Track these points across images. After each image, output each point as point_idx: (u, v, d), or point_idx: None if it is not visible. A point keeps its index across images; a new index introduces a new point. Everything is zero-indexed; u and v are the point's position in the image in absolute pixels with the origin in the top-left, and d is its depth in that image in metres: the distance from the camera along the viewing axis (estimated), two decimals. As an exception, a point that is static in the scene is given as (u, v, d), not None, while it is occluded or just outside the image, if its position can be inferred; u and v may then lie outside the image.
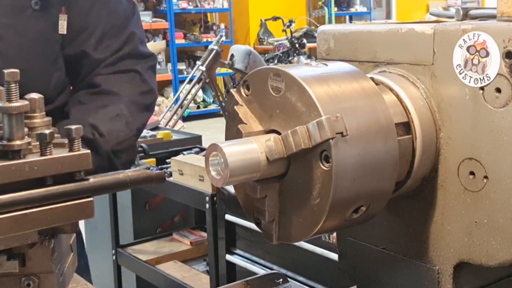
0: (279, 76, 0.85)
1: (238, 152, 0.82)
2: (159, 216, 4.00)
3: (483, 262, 0.89)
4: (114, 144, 1.54)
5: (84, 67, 1.61)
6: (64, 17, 1.53)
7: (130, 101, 1.61)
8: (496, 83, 0.84)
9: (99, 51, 1.59)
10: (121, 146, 1.56)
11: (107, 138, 1.53)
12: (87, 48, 1.58)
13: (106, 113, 1.57)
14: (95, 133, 1.53)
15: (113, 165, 1.55)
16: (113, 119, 1.57)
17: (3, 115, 0.81)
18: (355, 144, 0.82)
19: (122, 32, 1.62)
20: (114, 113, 1.58)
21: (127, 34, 1.63)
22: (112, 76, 1.61)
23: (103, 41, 1.60)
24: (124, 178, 0.88)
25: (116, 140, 1.55)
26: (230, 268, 3.06)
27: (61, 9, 1.53)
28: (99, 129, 1.53)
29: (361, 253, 1.05)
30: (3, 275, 0.87)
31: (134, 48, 1.65)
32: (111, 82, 1.60)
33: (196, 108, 11.08)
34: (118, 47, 1.62)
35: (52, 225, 0.84)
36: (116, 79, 1.61)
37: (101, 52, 1.60)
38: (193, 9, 11.90)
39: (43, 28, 1.51)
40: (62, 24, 1.54)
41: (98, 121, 1.55)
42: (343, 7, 14.27)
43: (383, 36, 0.98)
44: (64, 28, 1.54)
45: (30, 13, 1.48)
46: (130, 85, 1.63)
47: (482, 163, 0.87)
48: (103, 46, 1.60)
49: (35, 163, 0.81)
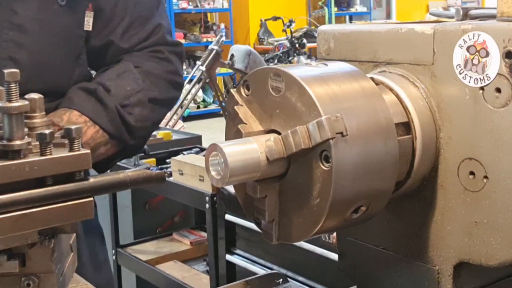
0: (279, 76, 0.85)
1: (238, 152, 0.82)
2: (159, 216, 4.00)
3: (483, 262, 0.89)
4: (121, 98, 1.53)
5: (109, 56, 1.62)
6: (90, 14, 1.55)
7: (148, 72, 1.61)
8: (496, 83, 0.84)
9: (125, 40, 1.61)
10: (129, 101, 1.54)
11: (113, 92, 1.53)
12: (114, 38, 1.60)
13: (113, 71, 1.58)
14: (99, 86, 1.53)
15: (125, 122, 1.54)
16: (120, 75, 1.57)
17: (3, 115, 0.81)
18: (355, 144, 0.82)
19: (148, 23, 1.63)
20: (121, 70, 1.58)
21: (154, 25, 1.64)
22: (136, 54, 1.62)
23: (129, 31, 1.61)
24: (124, 178, 0.88)
25: (124, 93, 1.54)
26: (230, 268, 3.06)
27: (87, 6, 1.55)
28: (105, 84, 1.53)
29: (361, 253, 1.05)
30: (3, 275, 0.87)
31: (161, 38, 1.65)
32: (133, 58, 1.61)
33: (196, 108, 11.09)
34: (144, 37, 1.63)
35: (52, 225, 0.84)
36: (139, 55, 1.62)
37: (127, 42, 1.61)
38: (193, 9, 11.91)
39: (68, 24, 1.53)
40: (88, 21, 1.55)
41: (104, 79, 1.56)
42: (343, 7, 14.28)
43: (383, 36, 0.98)
44: (90, 25, 1.56)
45: (56, 8, 1.50)
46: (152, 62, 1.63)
47: (482, 163, 0.87)
48: (129, 35, 1.61)
49: (35, 163, 0.81)
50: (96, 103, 1.51)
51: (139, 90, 1.57)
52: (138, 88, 1.57)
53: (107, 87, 1.53)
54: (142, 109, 1.57)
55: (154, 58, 1.64)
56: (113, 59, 1.63)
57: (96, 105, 1.51)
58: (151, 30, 1.64)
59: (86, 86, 1.54)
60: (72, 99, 1.51)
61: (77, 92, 1.53)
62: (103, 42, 1.60)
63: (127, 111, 1.54)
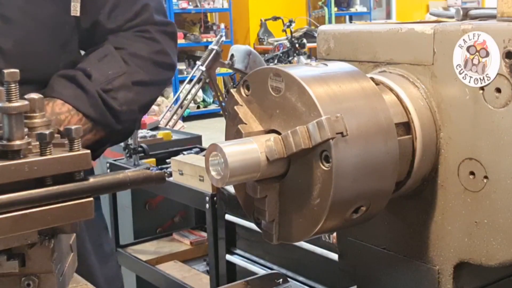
0: (279, 76, 0.85)
1: (238, 152, 0.82)
2: (159, 216, 4.00)
3: (483, 262, 0.89)
4: (104, 83, 1.50)
5: (96, 36, 1.60)
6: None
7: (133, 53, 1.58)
8: (496, 83, 0.84)
9: (111, 20, 1.59)
10: (112, 85, 1.51)
11: (95, 77, 1.50)
12: (101, 18, 1.58)
13: (94, 56, 1.55)
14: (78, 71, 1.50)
15: (109, 106, 1.50)
16: (101, 60, 1.54)
17: (3, 115, 0.81)
18: (355, 144, 0.82)
19: (135, 3, 1.61)
20: (102, 54, 1.55)
21: (141, 5, 1.62)
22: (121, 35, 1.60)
23: (115, 10, 1.59)
24: (124, 178, 0.88)
25: (106, 78, 1.51)
26: (230, 268, 3.06)
27: None
28: (86, 70, 1.50)
29: (361, 253, 1.05)
30: (3, 275, 0.87)
31: (149, 18, 1.63)
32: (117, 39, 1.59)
33: (196, 108, 11.09)
34: (130, 17, 1.60)
35: (52, 225, 0.84)
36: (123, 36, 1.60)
37: (113, 21, 1.59)
38: (193, 9, 11.91)
39: (53, 12, 1.51)
40: (74, 6, 1.53)
41: (85, 65, 1.53)
42: (343, 7, 14.28)
43: (383, 36, 0.98)
44: (78, 10, 1.54)
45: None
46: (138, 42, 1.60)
47: (482, 163, 0.87)
48: (115, 15, 1.59)
49: (35, 163, 0.80)
50: (77, 89, 1.48)
51: (122, 73, 1.53)
52: (121, 72, 1.53)
53: (88, 72, 1.50)
54: (127, 93, 1.54)
55: (140, 38, 1.61)
56: (100, 40, 1.60)
57: (77, 91, 1.48)
58: (138, 10, 1.61)
59: (66, 73, 1.51)
60: (53, 86, 1.49)
61: (57, 80, 1.50)
62: (90, 23, 1.57)
63: (111, 96, 1.51)
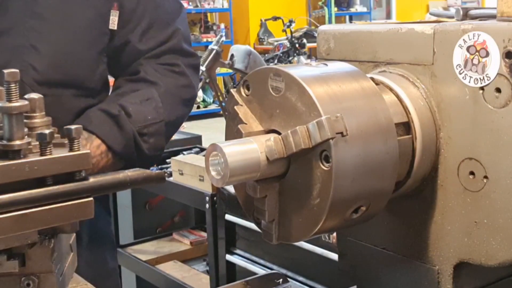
0: (279, 76, 0.85)
1: (238, 152, 0.82)
2: (159, 216, 4.00)
3: (483, 262, 0.89)
4: (141, 126, 1.54)
5: (126, 56, 1.63)
6: (115, 13, 1.57)
7: (166, 91, 1.61)
8: (496, 83, 0.84)
9: (143, 42, 1.62)
10: (147, 130, 1.55)
11: (134, 118, 1.54)
12: (132, 38, 1.61)
13: (137, 96, 1.58)
14: (121, 111, 1.54)
15: (139, 149, 1.55)
16: (143, 102, 1.57)
17: (3, 115, 0.81)
18: (355, 144, 0.82)
19: (167, 27, 1.64)
20: (145, 96, 1.58)
21: (173, 30, 1.65)
22: (153, 66, 1.63)
23: (148, 33, 1.62)
24: (124, 178, 0.88)
25: (144, 122, 1.55)
26: (230, 268, 3.06)
27: (113, 5, 1.57)
28: (127, 109, 1.54)
29: (361, 253, 1.05)
30: (3, 275, 0.87)
31: (178, 44, 1.66)
32: (151, 72, 1.62)
33: (196, 108, 11.08)
34: (162, 40, 1.63)
35: (52, 225, 0.84)
36: (156, 69, 1.63)
37: (145, 43, 1.62)
38: (193, 9, 11.90)
39: (91, 17, 1.54)
40: (113, 20, 1.57)
41: (127, 102, 1.56)
42: (343, 7, 14.27)
43: (383, 36, 0.98)
44: (115, 24, 1.57)
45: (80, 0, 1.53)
46: (169, 77, 1.64)
47: (482, 163, 0.87)
48: (147, 37, 1.62)
49: (35, 163, 0.81)
50: (114, 126, 1.52)
51: (160, 121, 1.58)
52: (159, 119, 1.58)
53: (129, 112, 1.54)
54: (159, 140, 1.59)
55: (171, 72, 1.64)
56: (128, 60, 1.63)
57: (114, 129, 1.52)
58: (169, 34, 1.64)
59: (107, 108, 1.54)
60: (91, 119, 1.52)
61: (97, 113, 1.53)
62: (121, 42, 1.61)
63: (144, 139, 1.55)
